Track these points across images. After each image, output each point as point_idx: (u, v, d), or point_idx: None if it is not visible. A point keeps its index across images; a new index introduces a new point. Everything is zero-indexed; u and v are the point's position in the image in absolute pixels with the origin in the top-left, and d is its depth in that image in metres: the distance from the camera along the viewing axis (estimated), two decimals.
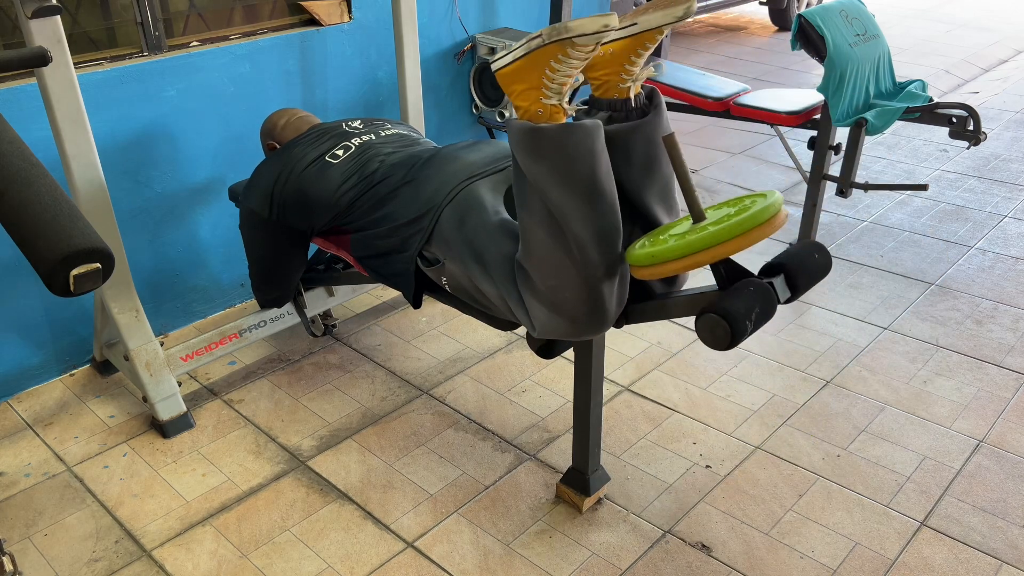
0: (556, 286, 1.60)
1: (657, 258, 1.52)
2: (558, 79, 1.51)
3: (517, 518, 2.08)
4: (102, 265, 1.13)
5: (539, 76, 1.51)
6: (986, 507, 2.11)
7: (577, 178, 1.52)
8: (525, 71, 1.52)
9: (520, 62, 1.51)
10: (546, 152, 1.51)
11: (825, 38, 2.96)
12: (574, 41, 1.44)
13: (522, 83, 1.53)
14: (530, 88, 1.52)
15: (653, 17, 1.63)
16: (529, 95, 1.53)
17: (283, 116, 2.40)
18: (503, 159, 1.99)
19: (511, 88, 1.55)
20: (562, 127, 1.50)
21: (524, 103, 1.55)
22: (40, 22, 1.88)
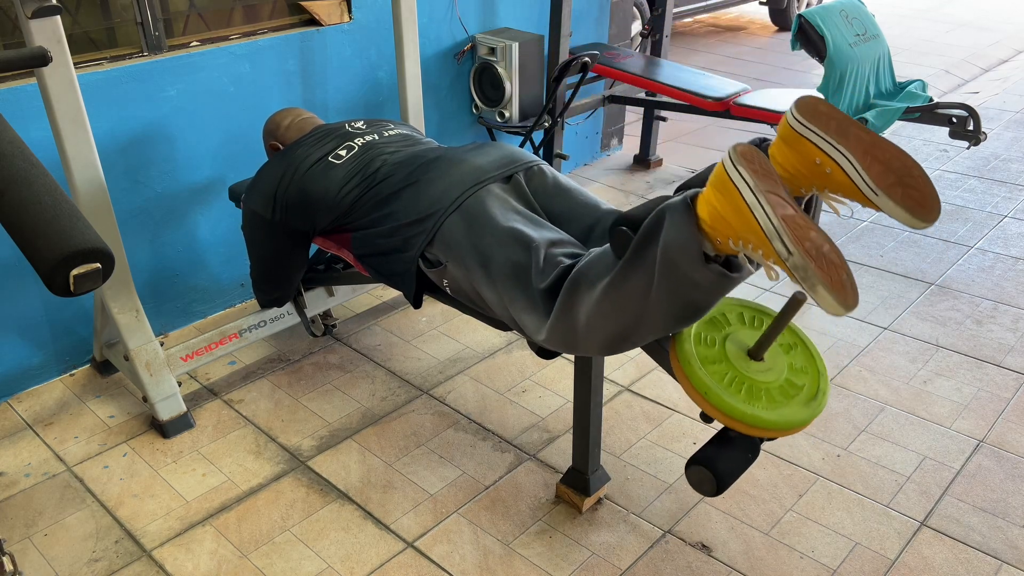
0: (595, 327, 1.59)
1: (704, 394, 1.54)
2: (756, 258, 1.38)
3: (517, 518, 2.08)
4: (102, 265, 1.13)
5: (751, 241, 1.35)
6: (986, 507, 2.11)
7: (692, 304, 1.47)
8: (747, 226, 1.34)
9: (752, 220, 1.33)
10: (691, 278, 1.43)
11: (825, 38, 2.96)
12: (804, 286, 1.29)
13: (734, 220, 1.36)
14: (733, 230, 1.37)
15: (894, 208, 1.43)
16: (726, 230, 1.38)
17: (287, 117, 2.39)
18: (511, 163, 1.98)
19: (719, 199, 1.37)
20: (723, 277, 1.42)
21: (715, 225, 1.38)
22: (40, 22, 1.88)
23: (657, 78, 3.64)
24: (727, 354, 1.61)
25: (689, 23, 8.12)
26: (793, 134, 1.48)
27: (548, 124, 3.47)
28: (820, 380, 1.63)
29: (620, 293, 1.52)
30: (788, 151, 1.50)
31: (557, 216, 1.94)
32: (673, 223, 1.42)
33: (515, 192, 1.93)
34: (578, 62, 3.20)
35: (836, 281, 1.28)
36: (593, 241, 1.89)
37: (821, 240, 1.32)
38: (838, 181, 1.48)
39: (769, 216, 1.30)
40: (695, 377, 1.55)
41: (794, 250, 1.28)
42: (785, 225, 1.29)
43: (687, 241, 1.40)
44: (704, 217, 1.40)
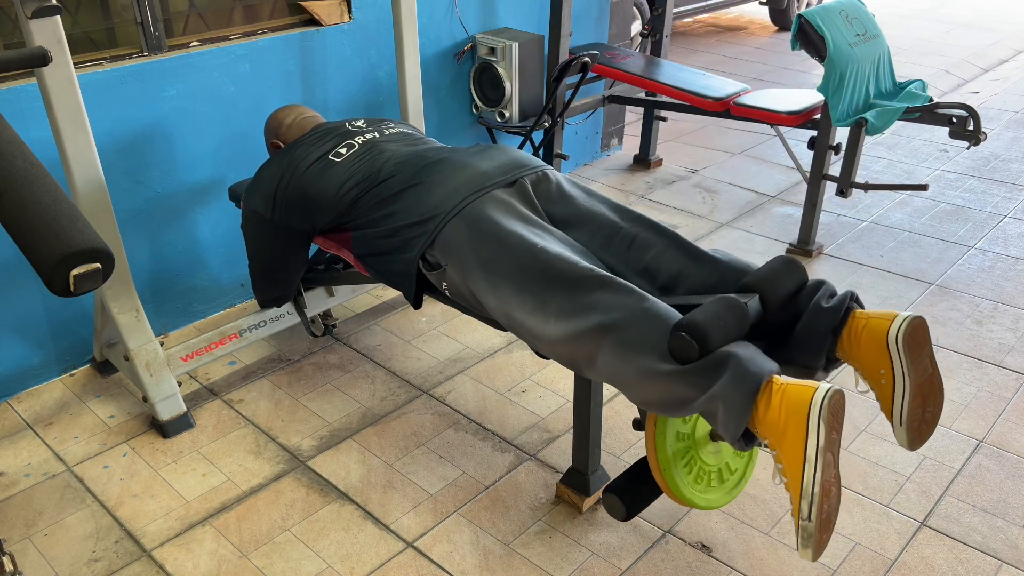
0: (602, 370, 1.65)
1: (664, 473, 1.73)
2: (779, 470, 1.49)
3: (517, 518, 2.08)
4: (102, 265, 1.13)
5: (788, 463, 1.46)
6: (986, 507, 2.11)
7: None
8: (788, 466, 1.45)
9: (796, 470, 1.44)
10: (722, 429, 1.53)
11: (825, 38, 2.96)
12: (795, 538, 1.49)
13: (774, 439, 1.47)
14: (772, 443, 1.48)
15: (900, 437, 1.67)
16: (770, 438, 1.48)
17: (289, 114, 2.39)
18: (516, 169, 1.98)
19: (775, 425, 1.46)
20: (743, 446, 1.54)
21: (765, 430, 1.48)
22: (40, 22, 1.88)
23: (657, 78, 3.64)
24: (695, 434, 1.79)
25: (689, 23, 8.12)
26: (884, 346, 1.62)
27: (548, 124, 3.47)
28: (748, 469, 1.87)
29: (655, 386, 1.57)
30: (869, 348, 1.64)
31: (561, 221, 1.94)
32: (734, 393, 1.47)
33: (520, 197, 1.92)
34: (578, 62, 3.20)
35: (823, 544, 1.45)
36: (596, 246, 1.89)
37: (836, 497, 1.46)
38: (882, 392, 1.65)
39: (816, 481, 1.41)
40: (668, 474, 1.73)
41: (814, 519, 1.41)
42: (822, 493, 1.41)
43: (735, 420, 1.48)
44: (762, 416, 1.47)
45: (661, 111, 4.18)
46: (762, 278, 1.70)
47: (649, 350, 1.56)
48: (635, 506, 1.81)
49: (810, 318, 1.69)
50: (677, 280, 1.82)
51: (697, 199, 3.96)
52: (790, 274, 1.71)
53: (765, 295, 1.68)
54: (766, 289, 1.68)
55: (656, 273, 1.84)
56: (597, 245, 1.90)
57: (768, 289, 1.68)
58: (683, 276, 1.82)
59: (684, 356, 1.53)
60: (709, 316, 1.53)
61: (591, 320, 1.63)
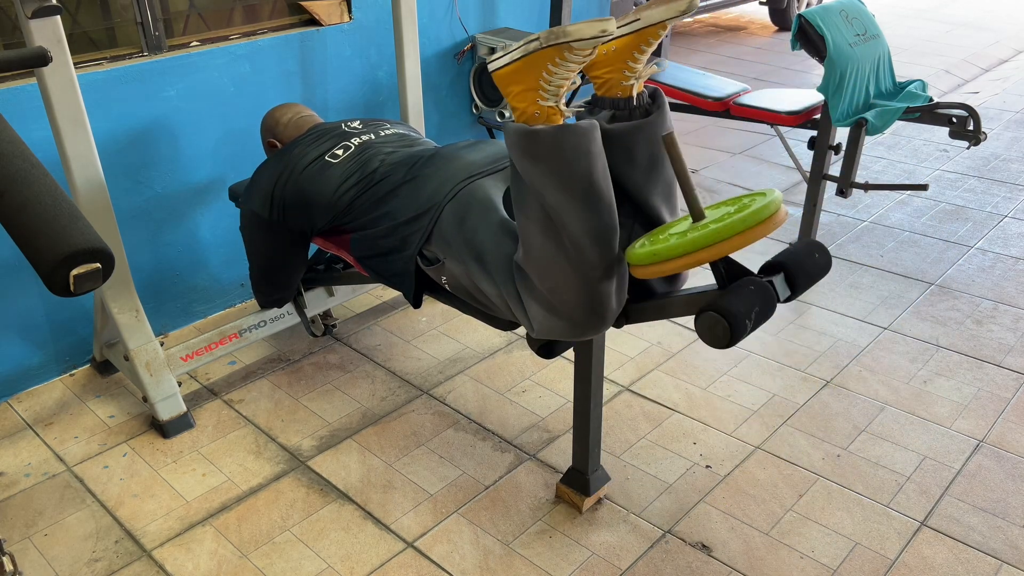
0: (554, 287, 1.60)
1: (658, 256, 1.52)
2: (555, 82, 1.51)
3: (517, 518, 2.08)
4: (102, 265, 1.13)
5: (536, 78, 1.51)
6: (986, 507, 2.11)
7: (573, 179, 1.52)
8: (522, 73, 1.52)
9: (517, 64, 1.51)
10: (542, 154, 1.51)
11: (825, 38, 2.96)
12: (571, 45, 1.44)
13: (519, 85, 1.53)
14: (527, 90, 1.53)
15: (655, 12, 1.62)
16: (526, 96, 1.53)
17: (285, 113, 2.39)
18: (504, 158, 1.99)
19: (508, 89, 1.55)
20: (557, 129, 1.50)
21: (521, 104, 1.55)
22: (40, 22, 1.88)
23: (657, 78, 3.64)
24: (670, 234, 1.58)
25: (689, 23, 8.12)
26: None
27: None
28: (769, 192, 1.52)
29: (531, 232, 1.58)
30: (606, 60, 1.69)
31: None
32: (506, 139, 1.56)
33: (507, 184, 1.93)
34: None
35: (580, 23, 1.44)
36: None
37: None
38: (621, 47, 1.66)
39: (515, 46, 1.50)
40: (641, 254, 1.53)
41: (538, 35, 1.46)
42: (528, 37, 1.48)
43: (515, 133, 1.51)
44: (517, 114, 1.55)
45: None
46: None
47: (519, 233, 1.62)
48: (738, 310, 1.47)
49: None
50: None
51: None
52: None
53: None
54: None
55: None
56: None
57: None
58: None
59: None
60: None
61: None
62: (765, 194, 1.54)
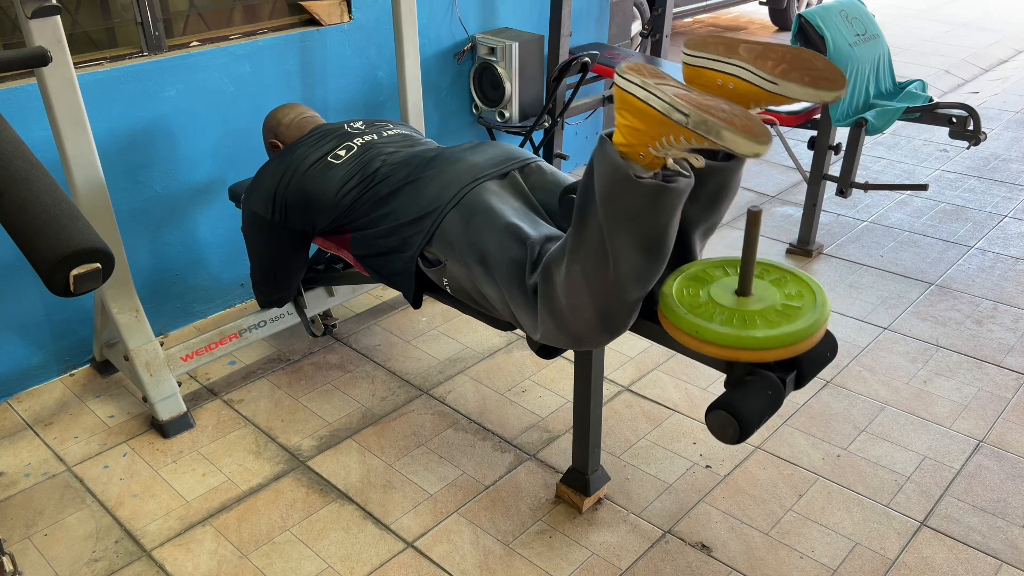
0: (577, 306, 1.58)
1: (701, 335, 1.50)
2: (676, 148, 1.38)
3: (517, 518, 2.08)
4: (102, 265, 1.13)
5: (660, 134, 1.36)
6: (986, 507, 2.11)
7: (649, 234, 1.45)
8: (650, 120, 1.36)
9: (650, 109, 1.35)
10: (630, 203, 1.42)
11: (825, 38, 2.96)
12: (716, 144, 1.30)
13: (639, 122, 1.38)
14: (644, 133, 1.38)
15: (797, 90, 1.46)
16: (639, 136, 1.39)
17: (288, 114, 2.39)
18: (507, 161, 1.99)
19: (624, 115, 1.40)
20: (660, 188, 1.40)
21: (629, 139, 1.40)
22: (40, 22, 1.88)
23: None
24: (713, 299, 1.57)
25: (689, 23, 8.12)
26: (693, 69, 1.55)
27: (548, 124, 3.47)
28: (818, 295, 1.56)
29: (582, 255, 1.51)
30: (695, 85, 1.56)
31: (555, 213, 1.94)
32: (598, 161, 1.43)
33: (512, 188, 1.93)
34: (578, 62, 3.20)
35: (739, 123, 1.28)
36: None
37: (720, 102, 1.33)
38: (742, 92, 1.51)
39: (661, 97, 1.32)
40: (684, 321, 1.52)
41: (689, 110, 1.30)
42: (677, 98, 1.32)
43: (613, 169, 1.40)
44: (620, 141, 1.41)
45: None
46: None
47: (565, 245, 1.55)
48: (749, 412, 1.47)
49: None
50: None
51: None
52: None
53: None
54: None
55: None
56: None
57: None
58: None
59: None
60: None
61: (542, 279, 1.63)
62: (814, 296, 1.54)
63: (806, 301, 1.54)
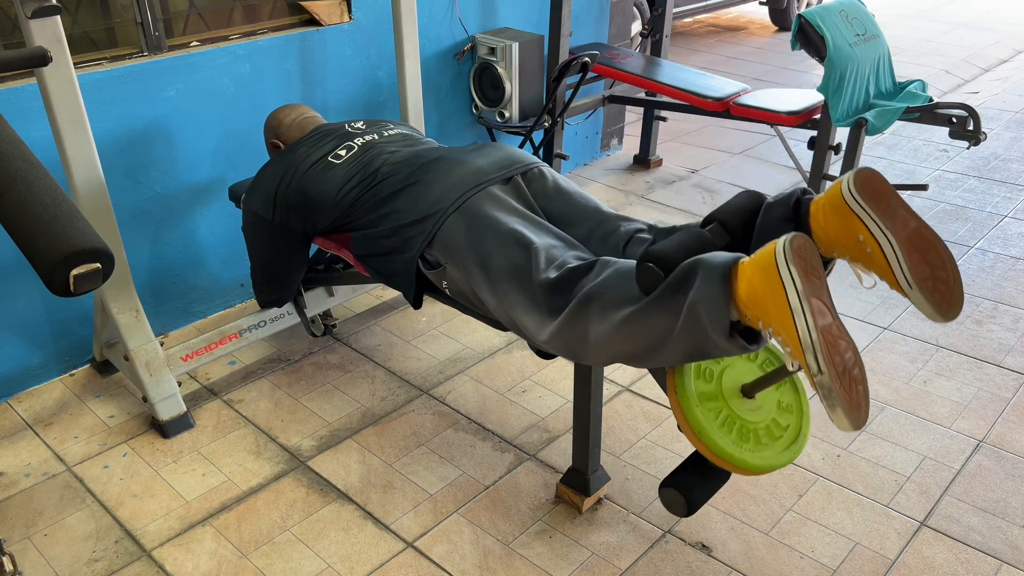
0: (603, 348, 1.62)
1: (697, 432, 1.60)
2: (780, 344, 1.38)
3: (517, 518, 2.08)
4: (102, 265, 1.13)
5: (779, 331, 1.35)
6: (986, 507, 2.11)
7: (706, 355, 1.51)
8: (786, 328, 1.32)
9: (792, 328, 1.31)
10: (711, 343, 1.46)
11: (825, 38, 2.96)
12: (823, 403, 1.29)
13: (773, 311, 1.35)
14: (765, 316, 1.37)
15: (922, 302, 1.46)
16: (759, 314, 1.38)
17: (289, 114, 2.39)
18: (511, 165, 1.98)
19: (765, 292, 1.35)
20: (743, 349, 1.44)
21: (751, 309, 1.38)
22: (40, 22, 1.88)
23: (657, 78, 3.64)
24: (723, 390, 1.66)
25: (689, 23, 8.12)
26: (844, 207, 1.49)
27: (548, 124, 3.47)
28: (803, 422, 1.70)
29: (638, 327, 1.53)
30: (834, 219, 1.51)
31: (557, 218, 1.94)
32: (707, 287, 1.40)
33: (515, 193, 1.93)
34: (578, 62, 3.20)
35: (854, 402, 1.28)
36: (593, 244, 1.89)
37: (849, 353, 1.32)
38: (876, 262, 1.49)
39: (809, 328, 1.28)
40: (691, 415, 1.60)
41: (825, 369, 1.26)
42: (823, 340, 1.27)
43: (717, 312, 1.39)
44: (740, 294, 1.38)
45: (661, 111, 4.18)
46: (722, 208, 1.66)
47: (628, 301, 1.54)
48: (697, 497, 1.67)
49: (762, 218, 1.63)
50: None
51: (697, 199, 3.96)
52: (749, 198, 1.66)
53: (726, 221, 1.63)
54: (724, 215, 1.63)
55: None
56: (593, 242, 1.90)
57: (726, 214, 1.63)
58: None
59: (652, 284, 1.50)
60: (669, 243, 1.52)
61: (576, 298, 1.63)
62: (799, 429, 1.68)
63: (793, 421, 1.70)
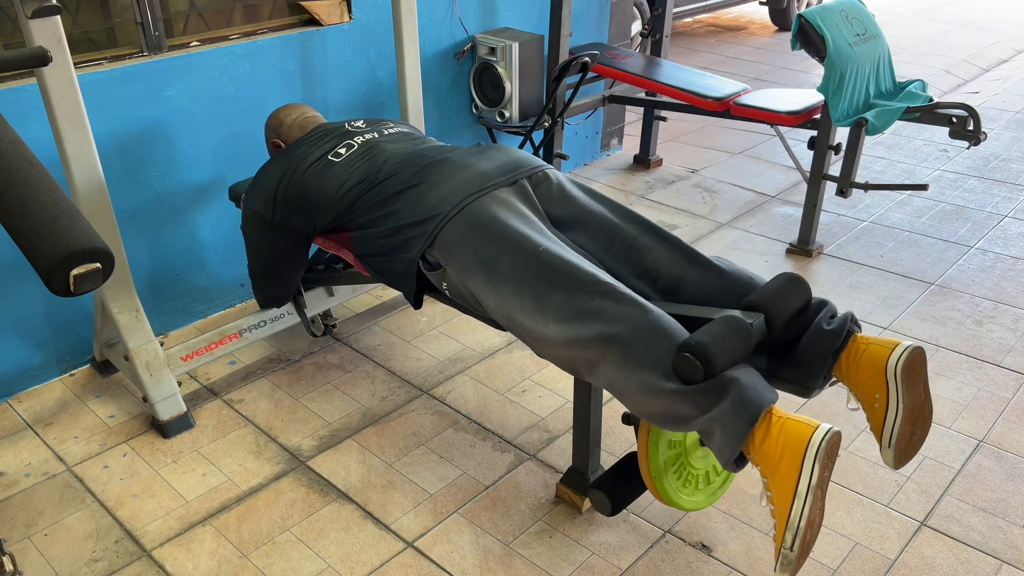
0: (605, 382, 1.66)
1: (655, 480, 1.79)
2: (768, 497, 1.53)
3: (517, 518, 2.08)
4: (102, 265, 1.13)
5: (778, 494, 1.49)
6: (986, 507, 2.11)
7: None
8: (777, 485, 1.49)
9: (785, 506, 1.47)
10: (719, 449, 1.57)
11: (825, 38, 2.96)
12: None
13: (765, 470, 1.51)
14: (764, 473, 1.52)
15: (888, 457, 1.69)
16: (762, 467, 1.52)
17: (290, 114, 2.39)
18: (516, 169, 1.98)
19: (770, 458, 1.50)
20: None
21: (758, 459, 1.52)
22: (40, 22, 1.88)
23: (657, 78, 3.64)
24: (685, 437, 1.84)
25: (689, 23, 8.12)
26: (883, 372, 1.64)
27: (548, 124, 3.47)
28: (728, 479, 1.94)
29: (655, 401, 1.59)
30: (867, 372, 1.66)
31: (563, 222, 1.93)
32: (733, 421, 1.50)
33: (520, 197, 1.92)
34: (578, 62, 3.20)
35: (797, 571, 1.47)
36: (597, 248, 1.89)
37: (817, 531, 1.49)
38: (874, 414, 1.67)
39: (803, 515, 1.44)
40: (654, 461, 1.78)
41: (795, 550, 1.45)
42: (807, 529, 1.45)
43: (730, 444, 1.52)
44: (758, 442, 1.50)
45: (661, 111, 4.18)
46: (767, 298, 1.69)
47: (652, 366, 1.57)
48: (621, 501, 1.88)
49: (811, 339, 1.70)
50: (678, 285, 1.83)
51: (697, 199, 3.96)
52: (796, 293, 1.71)
53: (770, 315, 1.68)
54: (771, 309, 1.68)
55: (656, 276, 1.85)
56: (598, 247, 1.90)
57: (773, 309, 1.68)
58: (684, 281, 1.82)
59: (688, 377, 1.53)
60: (715, 338, 1.53)
61: (593, 329, 1.63)
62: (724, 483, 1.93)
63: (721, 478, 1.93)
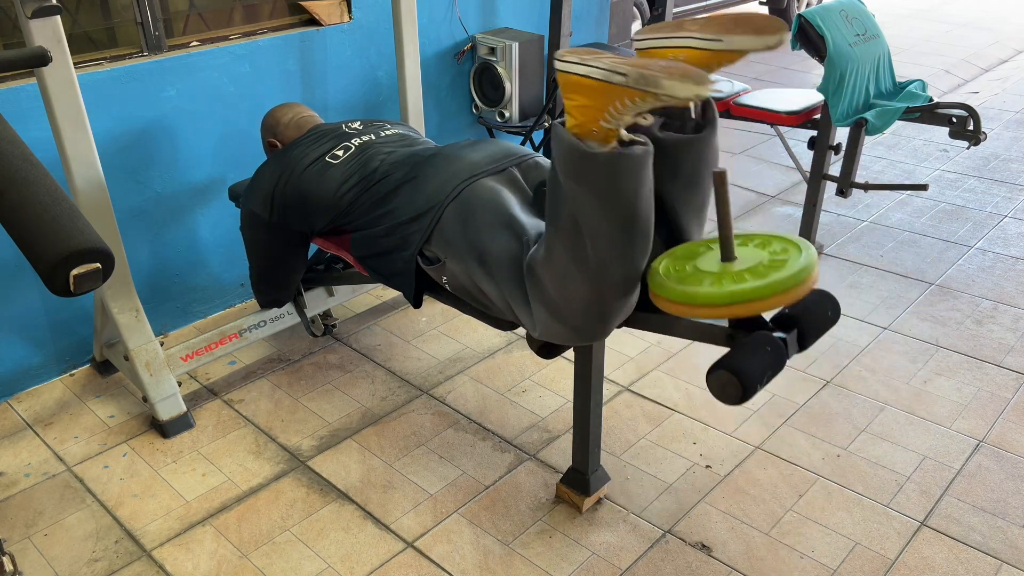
0: (568, 296, 1.58)
1: (693, 300, 1.48)
2: (625, 114, 1.40)
3: (517, 518, 2.08)
4: (102, 265, 1.13)
5: (605, 104, 1.39)
6: (986, 507, 2.11)
7: (618, 206, 1.46)
8: (594, 92, 1.40)
9: (591, 82, 1.39)
10: (591, 177, 1.44)
11: (825, 38, 2.96)
12: (658, 95, 1.33)
13: (585, 99, 1.42)
14: (592, 108, 1.41)
15: (742, 40, 1.52)
16: (588, 113, 1.42)
17: (286, 113, 2.38)
18: (505, 158, 1.99)
19: (571, 96, 1.44)
20: (614, 157, 1.41)
21: (580, 118, 1.44)
22: (40, 22, 1.88)
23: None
24: (699, 269, 1.56)
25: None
26: (645, 52, 1.64)
27: (548, 124, 3.47)
28: (803, 247, 1.52)
29: (560, 241, 1.53)
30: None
31: None
32: (555, 146, 1.48)
33: (510, 185, 1.93)
34: None
35: (677, 71, 1.32)
36: None
37: (658, 61, 1.37)
38: (694, 60, 1.59)
39: (599, 66, 1.38)
40: (674, 292, 1.51)
41: (627, 70, 1.35)
42: (615, 63, 1.37)
43: (569, 149, 1.44)
44: (572, 123, 1.45)
45: None
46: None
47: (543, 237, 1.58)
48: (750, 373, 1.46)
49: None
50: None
51: None
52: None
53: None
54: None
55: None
56: None
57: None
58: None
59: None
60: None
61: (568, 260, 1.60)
62: (800, 248, 1.52)
63: (792, 254, 1.51)
